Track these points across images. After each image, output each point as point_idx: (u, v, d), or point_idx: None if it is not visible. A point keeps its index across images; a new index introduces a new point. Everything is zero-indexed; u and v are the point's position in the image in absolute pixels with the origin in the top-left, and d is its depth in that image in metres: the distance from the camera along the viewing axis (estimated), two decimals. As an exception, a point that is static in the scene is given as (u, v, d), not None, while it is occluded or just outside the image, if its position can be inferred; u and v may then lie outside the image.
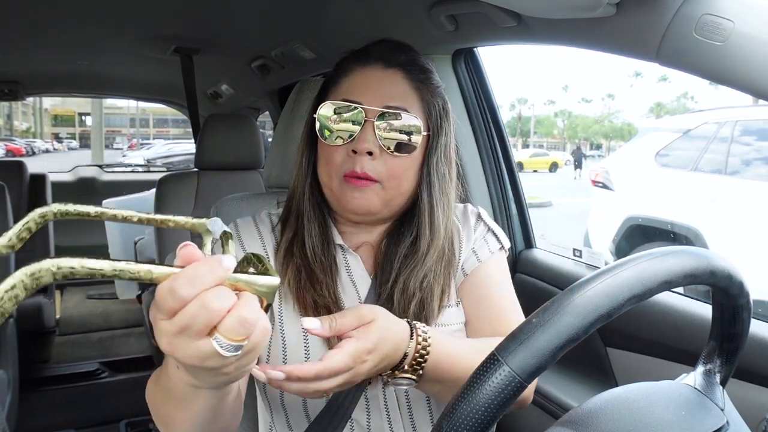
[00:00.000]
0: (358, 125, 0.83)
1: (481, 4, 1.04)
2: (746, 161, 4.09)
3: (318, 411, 0.85)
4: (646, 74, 58.17)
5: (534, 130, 54.94)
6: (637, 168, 4.68)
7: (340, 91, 0.87)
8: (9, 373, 1.98)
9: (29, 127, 42.68)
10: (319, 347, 0.85)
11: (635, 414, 0.54)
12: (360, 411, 0.86)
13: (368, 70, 0.87)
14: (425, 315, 0.86)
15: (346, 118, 0.84)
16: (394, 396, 0.87)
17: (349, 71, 0.88)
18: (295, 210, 0.91)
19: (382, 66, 0.87)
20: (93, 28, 2.01)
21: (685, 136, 4.44)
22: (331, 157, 0.85)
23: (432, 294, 0.87)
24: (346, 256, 0.91)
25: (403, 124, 0.84)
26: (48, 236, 3.24)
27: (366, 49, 0.90)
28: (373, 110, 0.83)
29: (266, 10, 1.72)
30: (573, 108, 62.67)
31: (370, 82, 0.86)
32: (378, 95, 0.84)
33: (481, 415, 0.45)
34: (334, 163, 0.85)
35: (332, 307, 0.84)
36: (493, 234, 0.97)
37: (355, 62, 0.89)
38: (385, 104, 0.84)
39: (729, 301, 0.58)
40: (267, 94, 2.67)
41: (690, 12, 0.78)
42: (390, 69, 0.87)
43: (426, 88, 0.88)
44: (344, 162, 0.84)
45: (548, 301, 0.49)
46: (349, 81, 0.88)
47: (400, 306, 0.85)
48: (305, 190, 0.90)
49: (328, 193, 0.88)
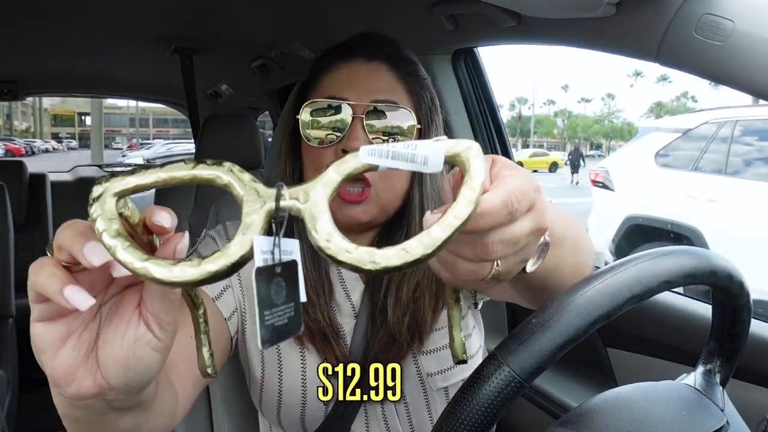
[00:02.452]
0: (347, 123, 0.78)
1: (481, 4, 1.03)
2: (746, 161, 4.09)
3: (316, 426, 0.84)
4: (646, 74, 58.21)
5: (534, 129, 54.93)
6: (637, 168, 4.68)
7: (322, 90, 0.82)
8: (9, 373, 1.98)
9: (29, 126, 42.71)
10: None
11: (635, 414, 0.54)
12: (359, 423, 0.85)
13: (351, 65, 0.82)
14: (419, 327, 0.82)
15: (333, 117, 0.78)
16: (393, 407, 0.86)
17: (329, 68, 0.83)
18: None
19: (365, 59, 0.82)
20: (93, 28, 2.01)
21: (685, 136, 4.45)
22: (319, 161, 0.79)
23: (424, 304, 0.82)
24: (340, 268, 0.87)
25: (394, 118, 0.79)
26: (48, 236, 3.24)
27: (346, 44, 0.85)
28: (361, 105, 0.78)
29: (266, 10, 1.72)
30: (573, 108, 62.71)
31: (355, 76, 0.81)
32: (364, 90, 0.79)
33: (481, 415, 0.45)
34: (324, 166, 0.78)
35: (327, 330, 0.81)
36: None
37: (335, 58, 0.83)
38: (373, 99, 0.79)
39: (729, 301, 0.58)
40: (267, 94, 2.67)
41: (690, 12, 0.77)
42: (373, 62, 0.82)
43: (413, 80, 0.84)
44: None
45: (548, 301, 0.49)
46: (331, 78, 0.82)
47: (395, 317, 0.81)
48: None
49: None
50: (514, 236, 0.42)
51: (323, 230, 0.36)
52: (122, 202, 0.37)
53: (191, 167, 0.37)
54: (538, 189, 0.44)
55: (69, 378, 0.39)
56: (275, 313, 0.37)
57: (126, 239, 0.35)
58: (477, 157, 0.38)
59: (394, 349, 0.81)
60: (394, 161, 0.37)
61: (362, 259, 0.35)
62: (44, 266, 0.37)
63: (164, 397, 0.58)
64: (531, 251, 0.46)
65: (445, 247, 0.36)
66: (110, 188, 0.36)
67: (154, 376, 0.42)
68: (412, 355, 0.83)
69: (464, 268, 0.44)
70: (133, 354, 0.39)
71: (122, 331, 0.40)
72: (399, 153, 0.37)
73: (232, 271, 0.36)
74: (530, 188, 0.42)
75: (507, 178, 0.42)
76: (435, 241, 0.35)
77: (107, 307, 0.41)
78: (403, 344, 0.81)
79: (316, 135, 0.79)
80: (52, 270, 0.36)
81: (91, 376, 0.40)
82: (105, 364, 0.40)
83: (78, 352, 0.39)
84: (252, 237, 0.36)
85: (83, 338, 0.40)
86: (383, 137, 0.79)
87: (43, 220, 3.26)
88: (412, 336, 0.81)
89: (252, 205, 0.37)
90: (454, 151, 0.38)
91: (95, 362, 0.40)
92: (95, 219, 0.35)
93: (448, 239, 0.35)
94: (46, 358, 0.39)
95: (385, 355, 0.81)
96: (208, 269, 0.35)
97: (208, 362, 0.45)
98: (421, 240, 0.35)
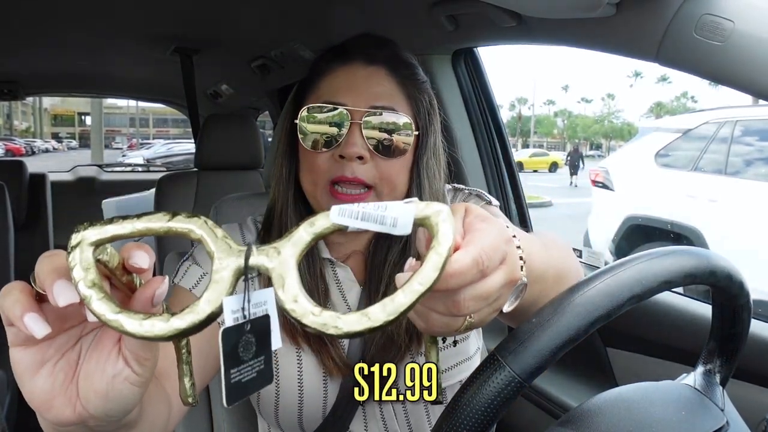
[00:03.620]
0: (344, 129, 0.77)
1: (481, 4, 1.03)
2: (747, 161, 4.09)
3: (315, 427, 0.83)
4: (646, 74, 58.24)
5: (534, 129, 54.96)
6: (637, 168, 4.68)
7: (320, 93, 0.81)
8: (8, 374, 1.98)
9: (29, 126, 42.71)
10: (314, 377, 0.82)
11: (635, 414, 0.54)
12: (357, 423, 0.85)
13: (349, 69, 0.81)
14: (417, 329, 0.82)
15: (330, 122, 0.78)
16: (391, 407, 0.86)
17: (328, 71, 0.82)
18: (277, 224, 0.85)
19: (364, 63, 0.81)
20: (93, 28, 2.01)
21: (685, 136, 4.45)
22: (315, 164, 0.79)
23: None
24: (336, 269, 0.87)
25: (392, 125, 0.78)
26: (48, 236, 3.24)
27: (345, 46, 0.84)
28: (358, 111, 0.77)
29: (266, 10, 1.72)
30: (573, 108, 62.73)
31: (353, 81, 0.80)
32: (363, 95, 0.79)
33: (481, 415, 0.45)
34: (320, 170, 0.79)
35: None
36: (475, 196, 0.91)
37: (333, 61, 0.83)
38: (371, 104, 0.78)
39: (729, 301, 0.58)
40: (267, 94, 2.67)
41: (690, 12, 0.77)
42: (373, 66, 0.81)
43: (412, 84, 0.83)
44: (330, 167, 0.78)
45: (548, 301, 0.50)
46: (329, 81, 0.82)
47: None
48: (288, 202, 0.84)
49: (314, 203, 0.82)
50: (486, 292, 0.43)
51: (290, 291, 0.37)
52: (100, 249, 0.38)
53: (167, 219, 0.39)
54: (509, 241, 0.46)
55: (46, 405, 0.40)
56: (242, 371, 0.39)
57: (100, 290, 0.36)
58: (446, 221, 0.39)
59: (392, 351, 0.81)
60: (364, 222, 0.39)
61: (326, 324, 0.36)
62: (11, 291, 0.38)
63: (154, 410, 0.58)
64: (504, 301, 0.47)
65: (409, 312, 0.37)
66: (87, 237, 0.37)
67: (133, 406, 0.43)
68: (410, 355, 0.83)
69: (438, 321, 0.45)
70: (113, 388, 0.40)
71: (102, 365, 0.41)
72: (369, 214, 0.39)
73: (200, 327, 0.37)
74: (502, 241, 0.44)
75: (478, 233, 0.43)
76: (398, 308, 0.37)
77: (88, 339, 0.42)
78: (401, 345, 0.81)
79: (313, 139, 0.79)
80: (17, 296, 0.38)
81: (71, 406, 0.41)
82: (85, 396, 0.41)
83: (54, 379, 0.40)
84: (221, 294, 0.37)
85: (59, 367, 0.41)
86: (381, 143, 0.78)
87: (43, 220, 3.26)
88: (410, 337, 0.81)
89: (222, 262, 0.38)
90: (424, 214, 0.39)
91: (75, 392, 0.41)
92: (72, 267, 0.36)
93: (411, 306, 0.37)
94: (23, 383, 0.40)
95: (382, 356, 0.81)
96: (177, 326, 0.36)
97: (189, 392, 0.46)
98: (383, 306, 0.37)
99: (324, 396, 0.83)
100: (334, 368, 0.81)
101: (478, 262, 0.41)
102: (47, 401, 0.40)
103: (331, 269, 0.87)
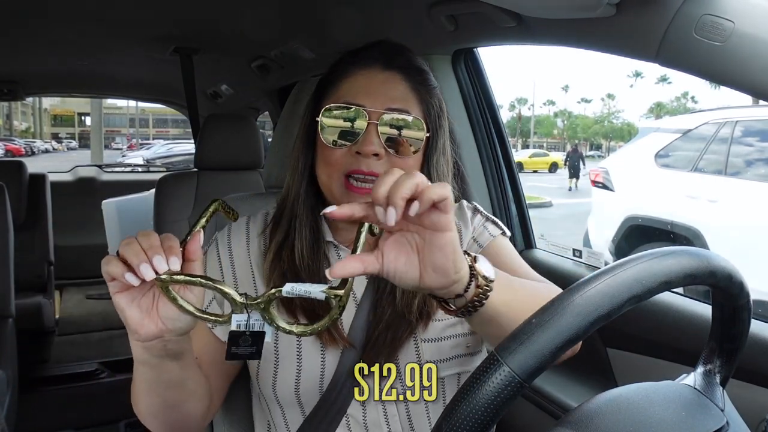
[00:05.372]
0: (362, 128, 0.84)
1: (481, 4, 1.03)
2: (747, 161, 4.09)
3: (312, 402, 0.86)
4: (646, 74, 58.24)
5: (534, 130, 54.96)
6: (637, 168, 4.68)
7: (340, 93, 0.88)
8: (8, 374, 1.98)
9: (29, 127, 42.73)
10: (312, 348, 0.86)
11: (635, 414, 0.54)
12: (355, 406, 0.87)
13: (368, 72, 0.88)
14: (428, 307, 0.86)
15: (349, 121, 0.85)
16: (394, 405, 0.87)
17: (348, 73, 0.89)
18: (288, 213, 0.91)
19: (381, 68, 0.88)
20: (93, 28, 2.01)
21: (685, 136, 4.45)
22: (332, 158, 0.85)
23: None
24: (340, 253, 0.91)
25: (406, 126, 0.85)
26: (48, 236, 3.24)
27: (364, 51, 0.91)
28: (376, 112, 0.84)
29: (266, 10, 1.72)
30: (573, 108, 62.73)
31: (371, 84, 0.87)
32: (380, 98, 0.85)
33: (480, 415, 0.45)
34: (337, 163, 0.85)
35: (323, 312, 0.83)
36: (491, 222, 0.98)
37: (353, 64, 0.89)
38: (387, 106, 0.85)
39: (729, 302, 0.58)
40: (267, 94, 2.67)
41: (690, 12, 0.78)
42: (389, 71, 0.88)
43: (424, 89, 0.89)
44: (347, 162, 0.84)
45: (548, 301, 0.49)
46: (349, 83, 0.88)
47: (403, 300, 0.85)
48: (300, 192, 0.91)
49: (328, 194, 0.88)
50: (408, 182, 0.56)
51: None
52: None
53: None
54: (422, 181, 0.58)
55: (140, 324, 0.63)
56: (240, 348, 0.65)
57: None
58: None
59: (401, 327, 0.85)
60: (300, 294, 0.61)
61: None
62: (111, 260, 0.61)
63: (196, 376, 0.79)
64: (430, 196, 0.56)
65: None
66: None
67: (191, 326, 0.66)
68: (414, 342, 0.87)
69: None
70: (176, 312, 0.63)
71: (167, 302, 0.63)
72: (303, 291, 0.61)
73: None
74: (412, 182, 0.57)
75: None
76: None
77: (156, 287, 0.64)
78: (411, 321, 0.86)
79: (332, 136, 0.85)
80: (116, 262, 0.60)
81: (154, 323, 0.63)
82: (164, 316, 0.63)
83: (141, 308, 0.63)
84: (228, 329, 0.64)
85: (143, 301, 0.63)
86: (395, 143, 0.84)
87: (42, 220, 3.26)
88: (420, 313, 0.86)
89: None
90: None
91: (157, 315, 0.63)
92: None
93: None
94: (123, 313, 0.62)
95: (391, 333, 0.85)
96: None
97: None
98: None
99: (321, 367, 0.85)
100: (329, 340, 0.85)
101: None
102: (139, 322, 0.62)
103: (334, 251, 0.92)
